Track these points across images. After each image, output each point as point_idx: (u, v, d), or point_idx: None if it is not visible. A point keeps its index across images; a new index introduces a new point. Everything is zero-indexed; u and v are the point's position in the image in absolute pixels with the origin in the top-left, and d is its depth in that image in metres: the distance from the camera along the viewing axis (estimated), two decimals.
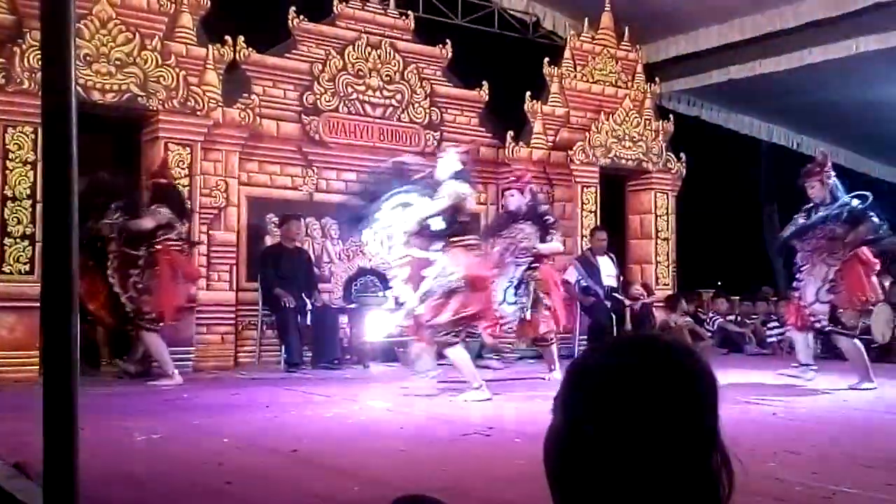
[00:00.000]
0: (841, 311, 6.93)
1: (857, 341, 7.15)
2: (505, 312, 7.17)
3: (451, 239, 6.10)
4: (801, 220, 7.25)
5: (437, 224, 6.05)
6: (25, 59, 7.20)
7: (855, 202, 6.98)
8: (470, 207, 6.46)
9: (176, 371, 7.05)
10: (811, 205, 7.18)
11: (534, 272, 7.30)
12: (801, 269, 7.17)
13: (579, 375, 1.01)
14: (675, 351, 1.00)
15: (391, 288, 9.26)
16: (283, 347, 8.46)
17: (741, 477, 1.00)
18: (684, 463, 0.94)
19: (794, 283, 7.25)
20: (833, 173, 7.21)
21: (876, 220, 6.96)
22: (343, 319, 8.95)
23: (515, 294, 7.21)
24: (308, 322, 8.39)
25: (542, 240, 7.35)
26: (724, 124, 13.66)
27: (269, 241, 8.93)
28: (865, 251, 7.04)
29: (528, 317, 7.28)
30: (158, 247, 6.99)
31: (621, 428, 0.94)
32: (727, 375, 7.10)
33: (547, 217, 7.51)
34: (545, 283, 7.35)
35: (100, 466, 3.28)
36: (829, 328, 7.00)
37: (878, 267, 7.23)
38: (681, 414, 0.95)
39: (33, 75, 7.12)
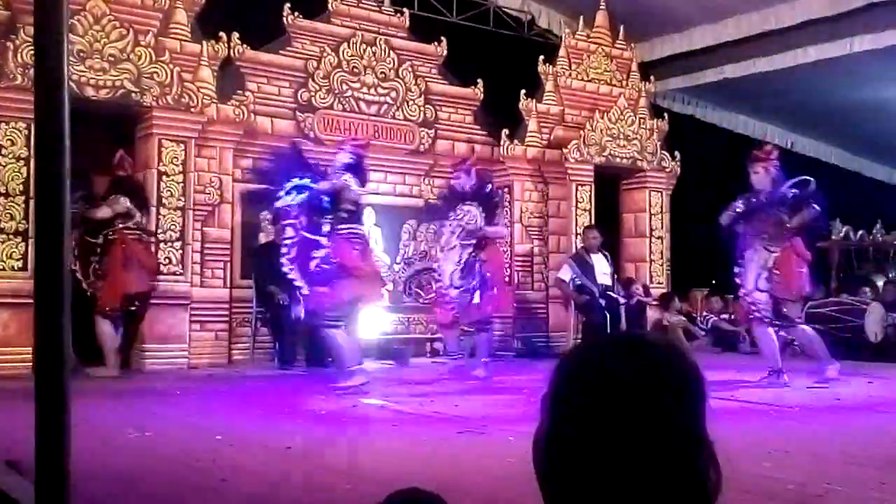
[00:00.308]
0: (784, 304, 6.95)
1: (805, 328, 7.23)
2: (450, 296, 7.16)
3: (336, 227, 6.32)
4: (740, 205, 7.32)
5: (321, 208, 6.29)
6: (19, 55, 7.17)
7: (796, 189, 7.08)
8: (354, 199, 6.53)
9: (115, 364, 7.17)
10: (752, 191, 7.21)
11: (480, 254, 7.25)
12: (743, 254, 7.17)
13: (565, 374, 1.01)
14: (659, 349, 0.99)
15: (386, 285, 9.32)
16: (276, 345, 8.45)
17: (733, 475, 1.00)
18: (671, 461, 0.94)
19: (736, 270, 7.26)
20: (778, 163, 7.29)
21: (817, 207, 7.04)
22: None
23: (462, 277, 7.16)
24: (302, 319, 8.37)
25: (490, 223, 7.31)
26: (718, 123, 13.69)
27: (262, 238, 8.91)
28: (800, 243, 7.08)
29: (477, 299, 7.21)
30: (114, 235, 7.11)
31: (606, 427, 0.93)
32: (721, 374, 7.11)
33: (494, 199, 7.48)
34: (491, 265, 7.31)
35: (92, 463, 3.27)
36: (775, 322, 6.97)
37: (810, 259, 7.31)
38: (666, 412, 0.95)
39: (27, 71, 7.08)
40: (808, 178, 7.16)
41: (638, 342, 1.01)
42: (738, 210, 7.30)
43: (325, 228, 6.30)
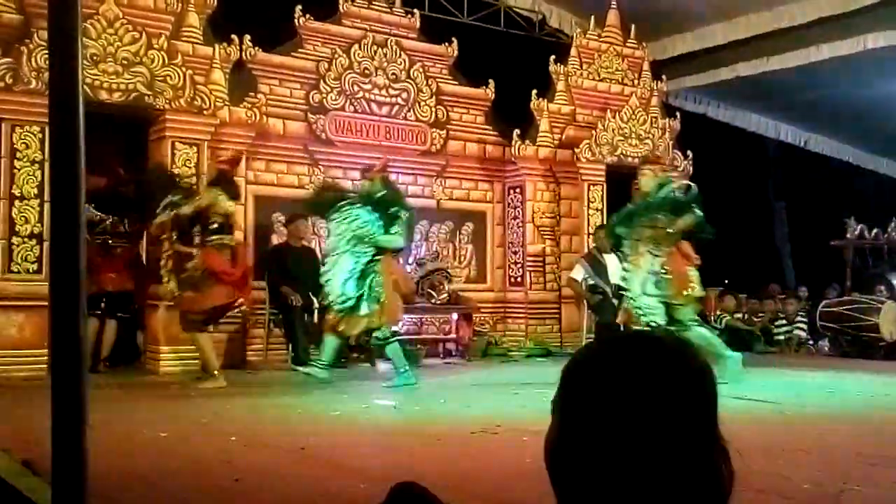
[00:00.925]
0: (675, 307, 6.92)
1: (700, 329, 7.15)
2: (342, 306, 6.92)
3: (205, 238, 6.88)
4: (629, 208, 7.34)
5: (192, 223, 6.88)
6: (33, 59, 7.22)
7: (679, 194, 7.08)
8: (222, 212, 6.98)
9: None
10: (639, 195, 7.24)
11: (374, 265, 6.90)
12: (627, 259, 7.14)
13: (576, 374, 1.00)
14: (671, 349, 0.99)
15: None
16: (290, 346, 8.47)
17: (747, 475, 1.00)
18: (683, 461, 0.94)
19: (622, 275, 7.22)
20: (668, 168, 7.30)
21: (698, 212, 7.05)
22: None
23: (355, 287, 6.80)
24: (315, 320, 8.39)
25: (386, 231, 6.93)
26: (731, 122, 13.62)
27: (275, 239, 8.94)
28: (686, 246, 7.08)
29: (363, 311, 6.86)
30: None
31: (618, 427, 0.93)
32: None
33: (391, 207, 6.99)
34: (383, 276, 6.94)
35: (108, 464, 3.29)
36: (665, 325, 6.89)
37: (698, 262, 7.35)
38: (678, 412, 0.94)
39: (41, 75, 7.14)
40: (689, 182, 7.17)
41: (649, 342, 1.01)
42: (619, 216, 7.33)
43: (196, 240, 6.91)
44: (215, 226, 6.94)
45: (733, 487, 0.97)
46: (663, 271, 6.96)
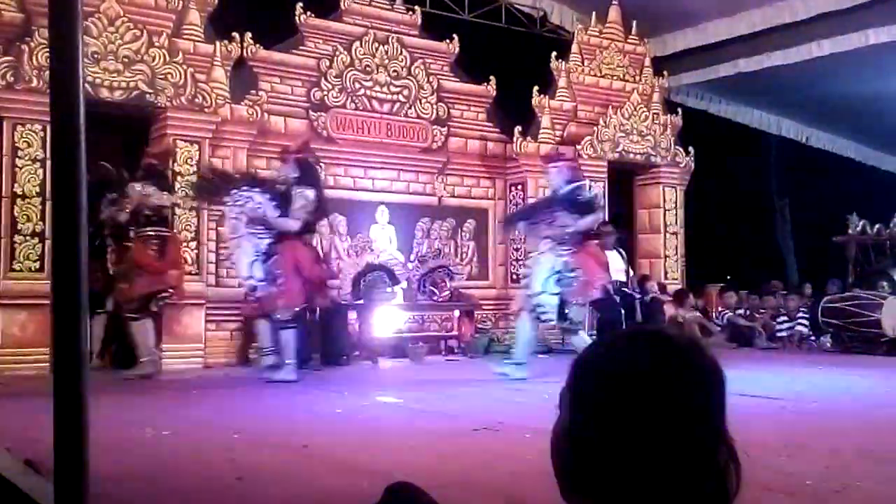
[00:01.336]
0: (569, 306, 6.89)
1: (583, 334, 7.12)
2: (249, 287, 6.98)
3: (137, 231, 7.17)
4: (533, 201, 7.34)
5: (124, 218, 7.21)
6: (34, 58, 7.22)
7: (586, 194, 7.09)
8: (153, 205, 7.22)
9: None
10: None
11: (275, 247, 6.93)
12: (529, 256, 7.15)
13: (583, 370, 1.00)
14: (680, 345, 0.99)
15: (400, 283, 9.34)
16: None
17: (750, 470, 1.00)
18: (691, 457, 0.93)
19: (522, 271, 7.20)
20: (574, 165, 7.29)
21: (600, 213, 7.06)
22: (352, 315, 8.95)
23: (262, 269, 6.88)
24: (317, 318, 8.40)
25: (282, 215, 6.98)
26: (732, 118, 13.60)
27: None
28: (595, 246, 7.12)
29: (260, 293, 6.97)
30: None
31: (624, 422, 0.93)
32: (737, 370, 7.07)
33: (284, 190, 6.99)
34: (283, 258, 6.99)
35: (110, 462, 3.29)
36: (558, 323, 6.93)
37: (605, 260, 7.39)
38: (686, 408, 0.94)
39: (42, 73, 7.14)
40: (587, 182, 7.21)
41: (657, 337, 1.00)
42: (520, 210, 7.32)
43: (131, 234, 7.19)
44: (143, 219, 7.17)
45: (740, 484, 0.96)
46: (569, 270, 6.89)
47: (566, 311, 6.96)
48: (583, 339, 6.95)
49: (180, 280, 7.57)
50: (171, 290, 7.43)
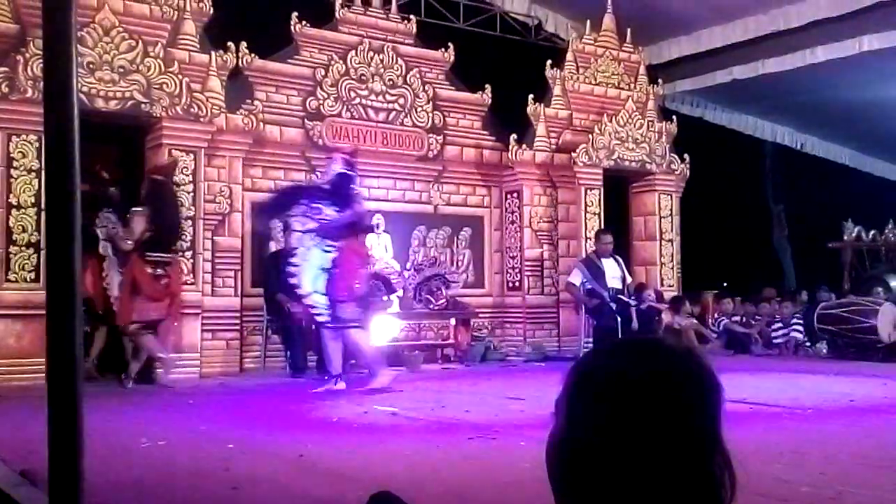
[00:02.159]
0: (337, 305, 6.68)
1: (356, 332, 6.86)
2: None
3: (140, 254, 7.15)
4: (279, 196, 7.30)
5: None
6: (29, 68, 7.22)
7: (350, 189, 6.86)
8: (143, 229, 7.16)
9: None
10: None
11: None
12: (294, 253, 6.93)
13: (579, 378, 1.01)
14: (676, 354, 0.99)
15: (396, 292, 9.33)
16: (287, 353, 8.46)
17: (746, 477, 1.00)
18: (685, 465, 0.94)
19: (290, 270, 6.87)
20: (350, 158, 7.12)
21: (361, 207, 6.95)
22: None
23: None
24: (313, 327, 8.37)
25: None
26: (727, 125, 13.66)
27: (273, 246, 8.93)
28: (356, 242, 6.92)
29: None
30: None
31: (621, 431, 0.93)
32: (733, 376, 7.08)
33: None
34: (124, 276, 7.13)
35: (106, 473, 3.28)
36: (330, 323, 6.71)
37: (366, 255, 7.32)
38: (681, 416, 0.94)
39: (37, 84, 7.14)
40: (347, 172, 6.98)
41: (654, 346, 1.01)
42: (275, 198, 7.27)
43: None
44: (147, 236, 7.15)
45: (735, 494, 0.97)
46: (333, 267, 6.68)
47: (335, 310, 6.71)
48: (354, 337, 6.77)
49: (176, 308, 7.50)
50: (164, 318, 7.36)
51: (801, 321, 10.84)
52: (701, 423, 0.96)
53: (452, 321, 9.79)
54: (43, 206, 7.17)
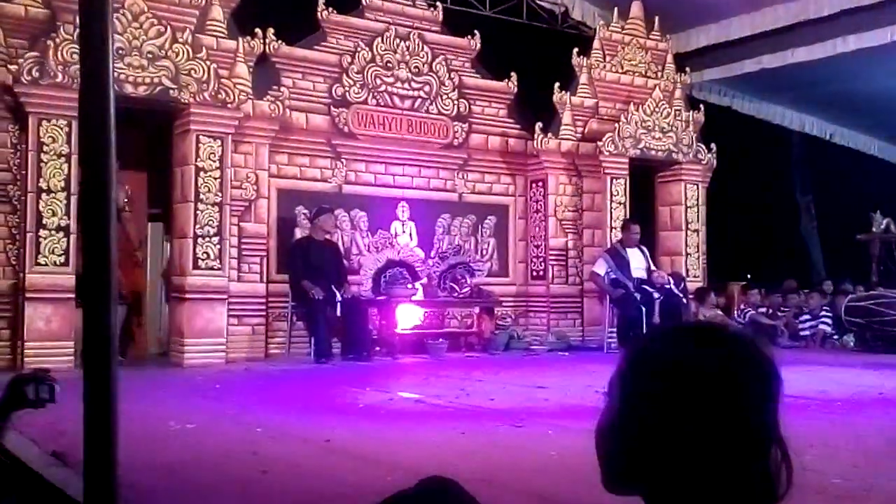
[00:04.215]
0: None
1: None
2: None
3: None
4: None
5: None
6: (59, 53, 7.27)
7: None
8: None
9: None
10: None
11: None
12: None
13: (638, 359, 1.00)
14: (738, 340, 0.99)
15: (420, 280, 9.35)
16: (311, 339, 8.50)
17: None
18: (743, 453, 0.93)
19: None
20: None
21: None
22: (372, 311, 8.97)
23: None
24: (338, 314, 8.42)
25: None
26: (755, 114, 13.51)
27: (298, 233, 8.97)
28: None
29: None
30: None
31: (677, 413, 0.93)
32: None
33: None
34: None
35: (136, 455, 3.31)
36: None
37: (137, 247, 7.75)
38: (744, 404, 0.94)
39: (67, 69, 7.20)
40: None
41: (720, 333, 1.00)
42: None
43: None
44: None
45: (790, 485, 0.96)
46: None
47: None
48: None
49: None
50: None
51: (829, 313, 10.74)
52: (758, 411, 0.95)
53: (476, 310, 9.79)
54: (73, 190, 7.26)
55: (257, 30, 8.67)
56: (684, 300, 9.78)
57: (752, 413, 0.94)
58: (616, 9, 11.11)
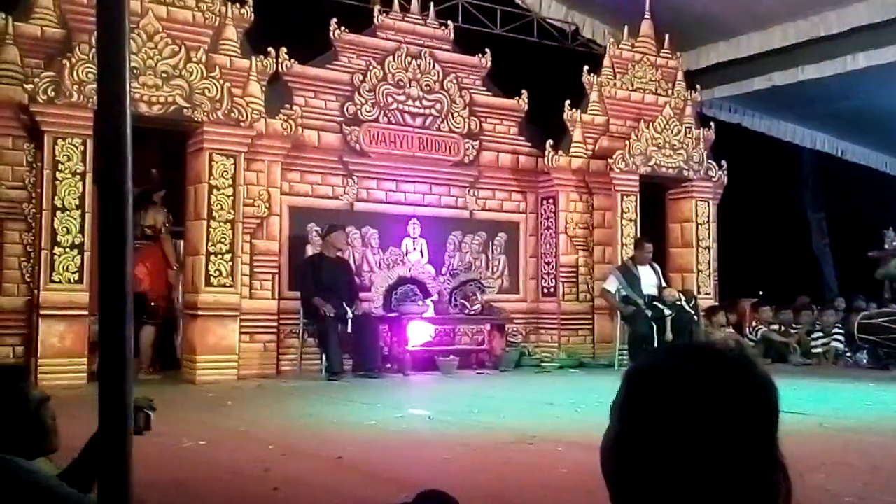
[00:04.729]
0: None
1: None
2: None
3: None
4: None
5: None
6: (75, 73, 7.36)
7: None
8: None
9: None
10: None
11: None
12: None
13: (639, 381, 1.02)
14: (736, 360, 1.00)
15: (431, 296, 9.36)
16: (323, 356, 8.52)
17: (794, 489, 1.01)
18: (741, 473, 0.94)
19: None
20: None
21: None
22: (383, 328, 8.99)
23: None
24: (349, 330, 8.44)
25: None
26: (766, 132, 13.50)
27: (310, 250, 9.01)
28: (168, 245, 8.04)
29: None
30: None
31: (677, 433, 0.94)
32: None
33: None
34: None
35: (149, 472, 3.32)
36: None
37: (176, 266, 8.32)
38: (738, 423, 0.95)
39: (83, 88, 7.28)
40: None
41: (713, 352, 1.02)
42: None
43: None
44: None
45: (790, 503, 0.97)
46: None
47: None
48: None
49: None
50: None
51: (841, 330, 10.69)
52: (757, 431, 0.96)
53: (487, 326, 9.80)
54: (87, 208, 7.33)
55: (270, 49, 8.75)
56: (695, 317, 9.74)
57: (749, 431, 0.96)
58: (626, 27, 11.16)
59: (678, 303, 9.60)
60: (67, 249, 7.39)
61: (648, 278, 9.75)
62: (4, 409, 2.10)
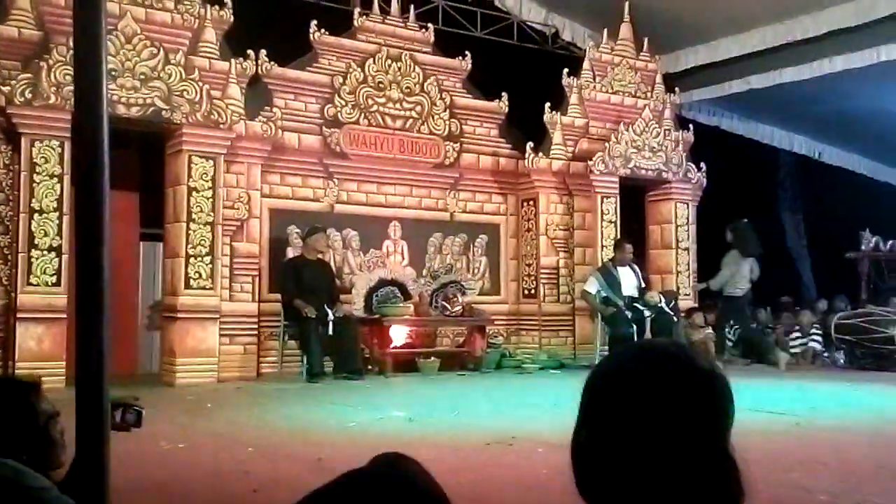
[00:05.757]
0: None
1: None
2: None
3: None
4: None
5: None
6: (52, 75, 7.31)
7: None
8: None
9: None
10: None
11: None
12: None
13: (592, 382, 1.06)
14: (676, 357, 1.03)
15: (412, 298, 9.37)
16: (304, 358, 8.50)
17: (761, 485, 1.03)
18: (691, 469, 0.97)
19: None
20: None
21: None
22: (364, 330, 8.98)
23: None
24: (330, 333, 8.43)
25: None
26: (744, 134, 13.61)
27: (290, 252, 8.99)
28: None
29: None
30: None
31: (628, 432, 0.98)
32: (750, 385, 7.06)
33: None
34: None
35: (127, 475, 3.31)
36: None
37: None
38: (684, 417, 0.98)
39: (60, 90, 7.24)
40: None
41: (660, 351, 1.05)
42: None
43: None
44: None
45: (745, 499, 0.99)
46: None
47: None
48: None
49: None
50: None
51: (819, 330, 10.80)
52: (702, 428, 1.00)
53: (468, 328, 9.81)
54: (65, 210, 7.28)
55: (250, 51, 8.73)
56: (675, 318, 9.80)
57: (694, 430, 0.99)
58: (606, 30, 11.22)
59: (658, 304, 9.65)
60: (45, 252, 7.34)
61: (629, 279, 9.80)
62: (13, 422, 2.11)
